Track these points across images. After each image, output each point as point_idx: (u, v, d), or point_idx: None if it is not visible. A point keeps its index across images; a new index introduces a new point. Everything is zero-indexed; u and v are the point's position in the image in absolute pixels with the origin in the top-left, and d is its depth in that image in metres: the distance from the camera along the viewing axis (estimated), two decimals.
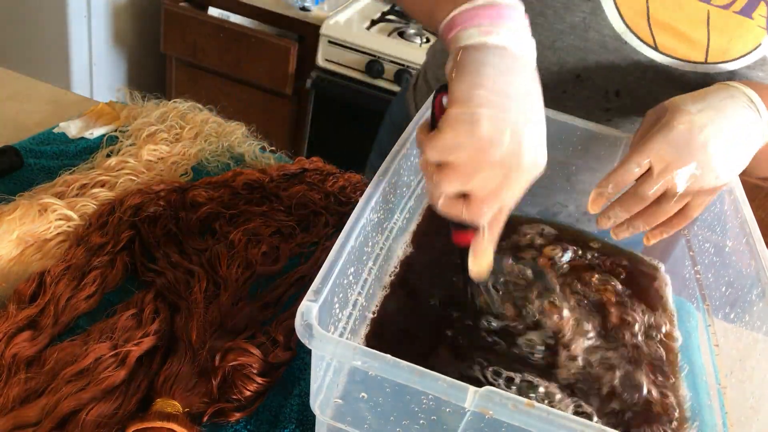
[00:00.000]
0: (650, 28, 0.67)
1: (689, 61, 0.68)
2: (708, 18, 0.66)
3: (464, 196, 0.49)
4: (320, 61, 1.85)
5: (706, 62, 0.68)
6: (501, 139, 0.46)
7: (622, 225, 0.63)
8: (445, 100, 0.49)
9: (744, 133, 0.58)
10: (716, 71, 0.68)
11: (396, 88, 1.80)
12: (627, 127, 0.76)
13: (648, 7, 0.66)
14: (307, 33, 1.86)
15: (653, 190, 0.58)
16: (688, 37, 0.67)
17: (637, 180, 0.59)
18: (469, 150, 0.46)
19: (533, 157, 0.47)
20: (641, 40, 0.68)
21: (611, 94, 0.72)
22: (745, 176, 0.64)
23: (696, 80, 0.69)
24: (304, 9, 1.85)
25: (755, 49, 0.67)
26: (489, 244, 0.53)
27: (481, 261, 0.54)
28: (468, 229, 0.53)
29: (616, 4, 0.66)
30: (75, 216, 0.73)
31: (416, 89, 0.94)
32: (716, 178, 0.58)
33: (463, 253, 0.55)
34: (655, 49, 0.68)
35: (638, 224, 0.62)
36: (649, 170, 0.58)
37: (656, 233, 0.64)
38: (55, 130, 0.91)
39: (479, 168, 0.47)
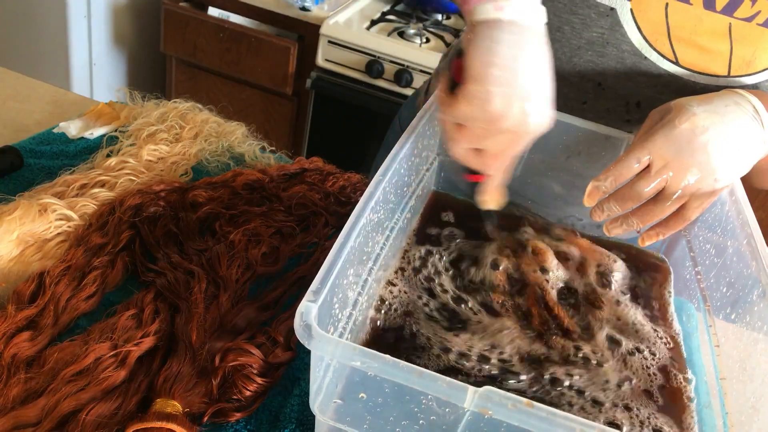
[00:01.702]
0: (671, 43, 0.66)
1: (712, 75, 0.68)
2: (730, 31, 0.65)
3: (477, 149, 0.57)
4: (320, 61, 1.85)
5: (729, 75, 0.67)
6: (509, 113, 0.52)
7: (616, 221, 0.62)
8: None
9: (745, 140, 0.58)
10: (739, 84, 0.68)
11: (396, 88, 1.80)
12: None
13: (668, 23, 0.65)
14: (307, 33, 1.86)
15: (650, 187, 0.58)
16: (709, 50, 0.66)
17: (635, 176, 0.59)
18: (482, 121, 0.53)
19: (537, 122, 0.54)
20: (662, 55, 0.67)
21: (632, 105, 0.72)
22: (744, 184, 0.64)
23: None
24: (304, 9, 1.85)
25: None
26: (497, 186, 0.62)
27: (490, 197, 0.63)
28: (479, 173, 0.62)
29: (635, 19, 0.66)
30: (75, 216, 0.72)
31: (428, 94, 0.94)
32: (715, 180, 0.58)
33: (473, 187, 0.64)
34: (676, 63, 0.67)
35: (632, 221, 0.62)
36: (648, 167, 0.58)
37: (652, 234, 0.64)
38: (55, 130, 0.91)
39: (491, 134, 0.54)
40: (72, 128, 0.91)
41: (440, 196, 0.80)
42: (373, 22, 1.89)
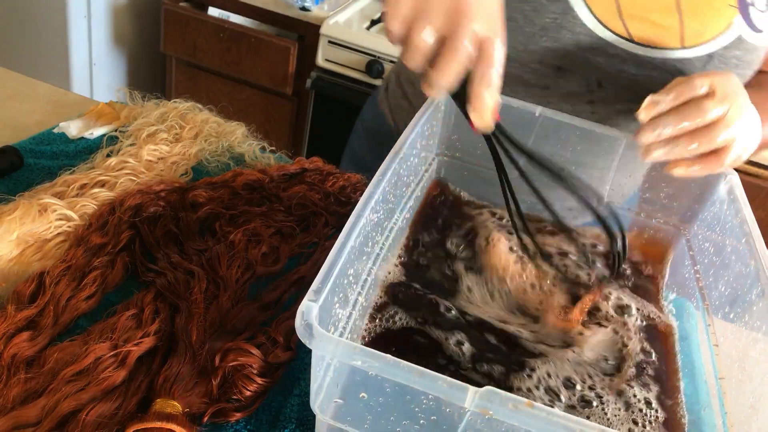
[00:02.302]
0: (623, 22, 0.67)
1: (666, 48, 0.69)
2: (678, 4, 0.66)
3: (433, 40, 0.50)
4: (320, 61, 1.85)
5: (683, 47, 0.69)
6: None
7: (660, 143, 0.61)
8: None
9: (757, 120, 0.62)
10: (694, 55, 0.69)
11: None
12: (612, 118, 0.76)
13: (618, 1, 0.67)
14: (307, 33, 1.86)
15: (716, 108, 0.59)
16: (661, 25, 0.68)
17: (699, 97, 0.60)
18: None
19: None
20: (616, 34, 0.68)
21: (593, 85, 0.73)
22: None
23: (675, 65, 0.70)
24: (304, 9, 1.85)
25: (728, 28, 0.68)
26: (483, 88, 0.52)
27: (480, 111, 0.53)
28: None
29: (585, 2, 0.67)
30: (75, 216, 0.73)
31: (388, 92, 0.94)
32: (753, 138, 0.61)
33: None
34: (631, 40, 0.68)
35: (681, 143, 0.60)
36: (711, 93, 0.59)
37: (685, 164, 0.62)
38: (55, 130, 0.91)
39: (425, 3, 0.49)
40: (72, 128, 0.91)
41: (441, 185, 0.80)
42: (373, 22, 1.89)
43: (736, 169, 0.68)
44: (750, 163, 1.56)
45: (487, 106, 0.53)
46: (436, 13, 0.49)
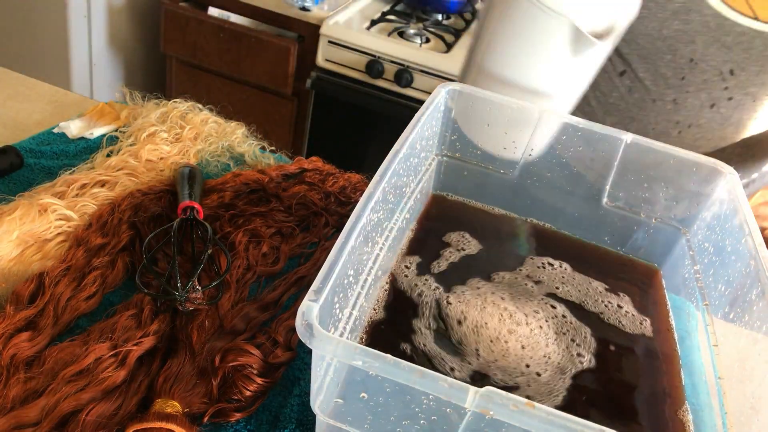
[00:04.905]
0: (747, 2, 0.71)
1: None
2: None
3: None
4: (320, 61, 1.85)
5: None
6: None
7: None
8: None
9: None
10: None
11: (396, 89, 1.80)
12: (748, 104, 0.80)
13: None
14: (307, 33, 1.86)
15: None
16: None
17: None
18: None
19: None
20: (740, 13, 0.72)
21: (726, 73, 0.77)
22: None
23: None
24: (304, 9, 1.85)
25: None
26: None
27: None
28: None
29: None
30: (75, 216, 0.73)
31: None
32: None
33: None
34: (756, 19, 0.72)
35: None
36: None
37: None
38: (55, 130, 0.91)
39: None
40: (72, 128, 0.91)
41: (439, 198, 0.80)
42: (373, 22, 1.89)
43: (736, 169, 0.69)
44: None
45: None
46: None
